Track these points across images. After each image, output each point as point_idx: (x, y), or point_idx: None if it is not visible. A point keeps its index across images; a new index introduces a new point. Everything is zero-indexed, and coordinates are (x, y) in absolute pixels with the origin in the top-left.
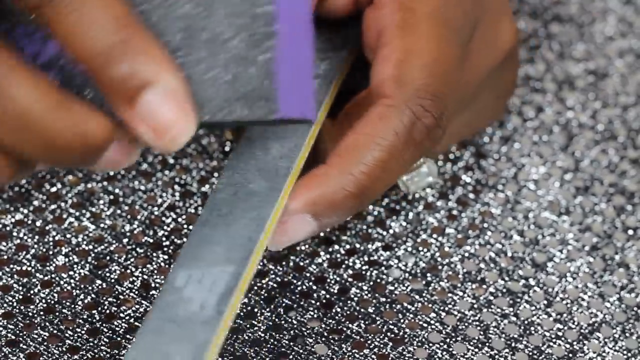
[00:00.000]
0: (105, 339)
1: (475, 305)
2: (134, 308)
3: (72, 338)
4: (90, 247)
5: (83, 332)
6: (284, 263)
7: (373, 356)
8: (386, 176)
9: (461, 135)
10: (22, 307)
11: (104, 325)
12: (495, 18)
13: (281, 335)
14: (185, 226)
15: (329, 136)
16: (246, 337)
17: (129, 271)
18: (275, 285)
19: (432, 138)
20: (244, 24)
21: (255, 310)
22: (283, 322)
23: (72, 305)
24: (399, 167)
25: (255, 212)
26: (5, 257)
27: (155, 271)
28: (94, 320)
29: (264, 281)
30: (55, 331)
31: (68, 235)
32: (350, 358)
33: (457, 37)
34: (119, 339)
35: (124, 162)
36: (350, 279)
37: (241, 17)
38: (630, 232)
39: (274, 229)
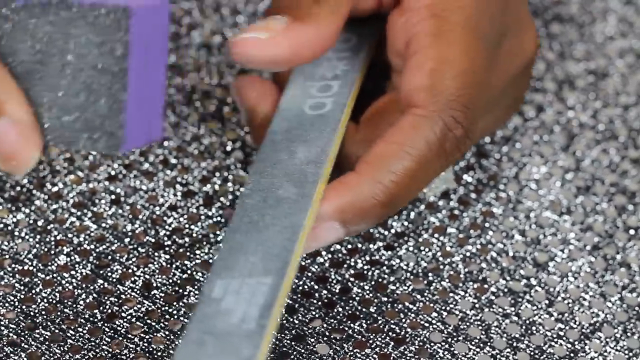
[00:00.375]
0: (107, 339)
1: (477, 305)
2: (135, 308)
3: (73, 338)
4: (92, 246)
5: (85, 331)
6: None
7: (375, 356)
8: (415, 185)
9: (479, 139)
10: (23, 307)
11: (106, 324)
12: (521, 27)
13: (283, 335)
14: (186, 226)
15: (351, 140)
16: None
17: (130, 271)
18: None
19: (461, 149)
20: (98, 54)
21: None
22: (285, 321)
23: (74, 305)
24: (427, 177)
25: (287, 219)
26: (7, 256)
27: (157, 271)
28: (96, 320)
29: None
30: (57, 331)
31: (70, 235)
32: (352, 358)
33: (487, 47)
34: (120, 338)
35: None
36: (351, 279)
37: (95, 47)
38: (632, 231)
39: (307, 236)
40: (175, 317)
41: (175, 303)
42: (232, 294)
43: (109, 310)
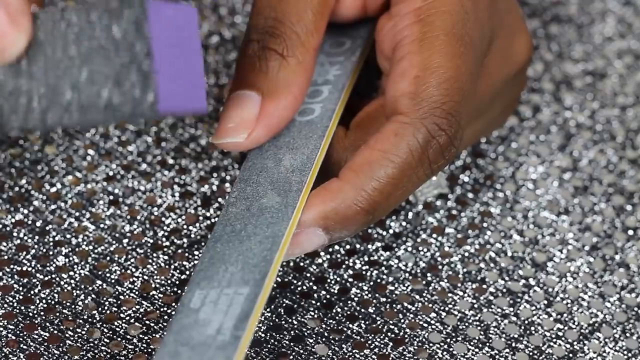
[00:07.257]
0: (105, 340)
1: (476, 305)
2: (134, 308)
3: (72, 338)
4: (91, 247)
5: (83, 332)
6: (284, 264)
7: (373, 356)
8: (398, 193)
9: (469, 143)
10: (22, 308)
11: (104, 325)
12: (511, 32)
13: (281, 336)
14: (184, 227)
15: (340, 145)
16: None
17: (129, 272)
18: (275, 285)
19: (445, 156)
20: (120, 37)
21: None
22: (283, 322)
23: (72, 306)
24: (411, 184)
25: (269, 229)
26: (6, 257)
27: (156, 272)
28: (94, 321)
29: None
30: (55, 331)
31: (68, 236)
32: (350, 358)
33: (474, 53)
34: (119, 339)
35: None
36: (350, 279)
37: (116, 32)
38: (630, 232)
39: (289, 243)
40: None
41: (173, 304)
42: (210, 305)
43: (108, 311)
